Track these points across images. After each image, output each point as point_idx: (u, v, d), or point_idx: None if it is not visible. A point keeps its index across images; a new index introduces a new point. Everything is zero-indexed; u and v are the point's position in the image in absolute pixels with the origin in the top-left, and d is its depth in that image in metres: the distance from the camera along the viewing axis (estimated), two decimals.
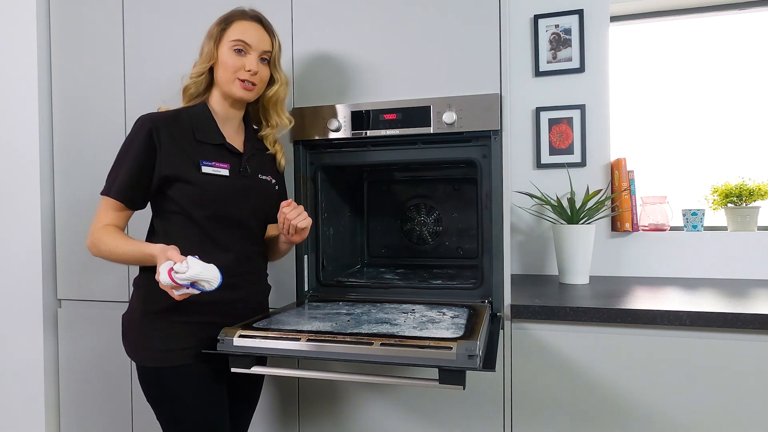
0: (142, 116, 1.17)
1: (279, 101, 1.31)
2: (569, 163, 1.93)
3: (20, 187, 1.71)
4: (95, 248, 1.14)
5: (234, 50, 1.19)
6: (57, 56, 1.72)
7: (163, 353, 1.12)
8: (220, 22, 1.22)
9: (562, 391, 1.32)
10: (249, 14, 1.24)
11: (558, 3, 1.94)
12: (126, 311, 1.20)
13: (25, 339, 1.72)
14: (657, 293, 1.50)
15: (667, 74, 2.04)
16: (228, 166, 1.20)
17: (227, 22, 1.21)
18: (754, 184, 1.82)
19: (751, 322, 1.19)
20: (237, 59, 1.19)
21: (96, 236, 1.13)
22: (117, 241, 1.12)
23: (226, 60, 1.19)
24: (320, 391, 1.47)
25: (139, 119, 1.16)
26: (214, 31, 1.22)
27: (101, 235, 1.13)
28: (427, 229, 1.93)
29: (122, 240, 1.12)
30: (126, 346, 1.18)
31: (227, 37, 1.20)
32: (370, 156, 1.47)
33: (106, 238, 1.12)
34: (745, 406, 1.21)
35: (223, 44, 1.20)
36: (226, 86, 1.20)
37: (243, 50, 1.20)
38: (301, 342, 1.00)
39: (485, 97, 1.35)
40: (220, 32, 1.21)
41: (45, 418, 1.71)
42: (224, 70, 1.19)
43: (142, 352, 1.13)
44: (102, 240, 1.12)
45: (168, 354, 1.12)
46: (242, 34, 1.20)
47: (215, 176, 1.18)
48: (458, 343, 0.92)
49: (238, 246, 1.22)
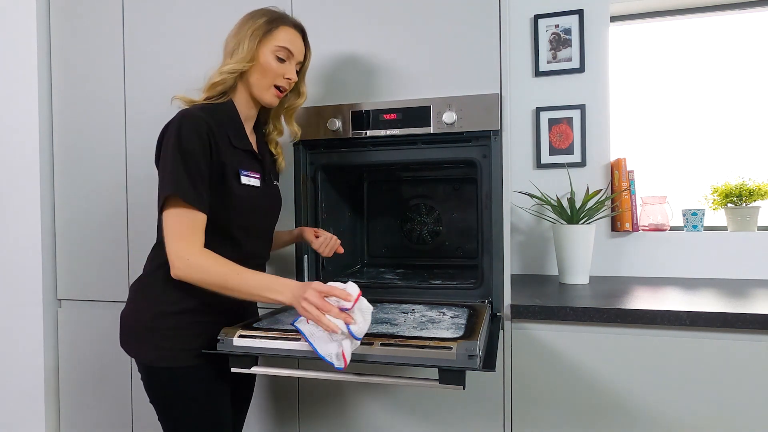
0: (189, 111, 1.08)
1: (295, 111, 1.32)
2: (569, 163, 1.93)
3: (20, 187, 1.71)
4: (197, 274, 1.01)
5: (276, 56, 1.16)
6: (57, 56, 1.72)
7: (175, 353, 1.09)
8: (267, 22, 1.15)
9: (562, 391, 1.32)
10: (294, 22, 1.21)
11: (558, 3, 1.94)
12: (128, 311, 1.15)
13: (25, 339, 1.72)
14: (657, 293, 1.50)
15: (667, 74, 2.04)
16: (259, 176, 1.18)
17: (274, 24, 1.16)
18: (754, 184, 1.82)
19: (751, 322, 1.19)
20: (279, 66, 1.16)
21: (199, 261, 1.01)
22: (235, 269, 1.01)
23: (268, 65, 1.15)
24: (320, 390, 1.47)
25: (189, 115, 1.07)
26: (257, 29, 1.14)
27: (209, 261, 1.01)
28: (427, 229, 1.93)
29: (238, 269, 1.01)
30: (130, 347, 1.14)
31: (272, 40, 1.15)
32: (370, 156, 1.47)
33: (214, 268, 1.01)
34: (745, 406, 1.21)
35: (266, 47, 1.15)
36: (258, 90, 1.17)
37: (285, 59, 1.17)
38: (302, 342, 1.00)
39: (485, 97, 1.35)
40: (265, 33, 1.15)
41: (45, 418, 1.71)
42: (263, 74, 1.15)
43: (153, 352, 1.09)
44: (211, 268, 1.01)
45: (180, 353, 1.09)
46: (289, 43, 1.17)
47: (250, 187, 1.15)
48: (458, 343, 0.92)
49: (259, 252, 1.24)
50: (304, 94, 1.29)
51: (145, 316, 1.11)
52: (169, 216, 1.03)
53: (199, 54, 1.58)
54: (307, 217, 1.52)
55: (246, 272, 1.02)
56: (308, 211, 1.52)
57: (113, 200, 1.66)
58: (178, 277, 1.02)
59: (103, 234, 1.67)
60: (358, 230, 1.95)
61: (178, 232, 1.02)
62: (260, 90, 1.17)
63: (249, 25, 1.15)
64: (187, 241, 1.02)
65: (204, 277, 1.01)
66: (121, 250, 1.66)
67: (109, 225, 1.67)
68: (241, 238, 1.16)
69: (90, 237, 1.69)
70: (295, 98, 1.29)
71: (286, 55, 1.17)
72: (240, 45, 1.14)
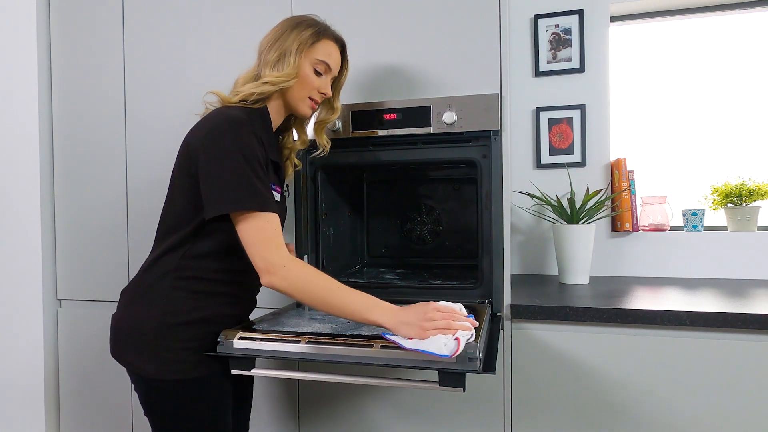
0: (235, 114, 1.04)
1: (325, 125, 1.30)
2: (569, 163, 1.93)
3: (20, 187, 1.71)
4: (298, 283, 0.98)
5: (315, 69, 1.15)
6: (57, 56, 1.72)
7: (178, 365, 1.04)
8: (313, 35, 1.13)
9: (562, 391, 1.32)
10: (335, 35, 1.19)
11: (558, 3, 1.94)
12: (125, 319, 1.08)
13: (25, 339, 1.72)
14: (657, 293, 1.50)
15: (667, 74, 2.04)
16: (279, 190, 1.15)
17: (318, 36, 1.14)
18: (754, 184, 1.82)
19: (751, 322, 1.19)
20: (316, 79, 1.15)
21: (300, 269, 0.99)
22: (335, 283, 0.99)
23: (306, 77, 1.14)
24: (320, 392, 1.47)
25: (239, 118, 1.03)
26: (303, 42, 1.12)
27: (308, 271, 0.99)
28: (427, 229, 1.93)
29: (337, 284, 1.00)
30: (126, 357, 1.07)
31: (313, 53, 1.14)
32: (370, 156, 1.47)
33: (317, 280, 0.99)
34: (745, 406, 1.21)
35: (306, 59, 1.13)
36: (295, 101, 1.15)
37: (323, 72, 1.16)
38: (301, 344, 1.00)
39: (485, 97, 1.34)
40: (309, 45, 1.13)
41: (45, 418, 1.71)
42: (302, 86, 1.14)
43: (154, 365, 1.03)
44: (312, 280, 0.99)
45: (184, 366, 1.04)
46: (328, 57, 1.16)
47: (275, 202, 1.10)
48: None
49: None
50: (338, 110, 1.28)
51: (147, 327, 1.04)
52: (249, 222, 0.98)
53: (200, 54, 1.58)
54: (307, 217, 1.52)
55: (345, 288, 1.00)
56: (308, 211, 1.52)
57: (113, 200, 1.66)
58: (272, 284, 0.98)
59: (103, 234, 1.67)
60: (358, 230, 1.95)
61: (265, 239, 0.98)
62: (297, 101, 1.15)
63: (294, 36, 1.12)
64: (279, 249, 0.99)
65: (304, 287, 0.98)
66: (121, 251, 1.66)
67: (109, 225, 1.67)
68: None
69: (90, 237, 1.69)
70: (329, 113, 1.27)
71: (324, 69, 1.16)
72: (285, 58, 1.11)
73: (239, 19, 1.54)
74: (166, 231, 1.10)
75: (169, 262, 1.06)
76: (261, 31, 1.50)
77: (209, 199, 1.00)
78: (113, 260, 1.66)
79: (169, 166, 1.14)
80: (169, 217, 1.11)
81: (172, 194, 1.12)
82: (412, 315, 0.97)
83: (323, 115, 1.28)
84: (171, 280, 1.05)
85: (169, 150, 1.59)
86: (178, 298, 1.04)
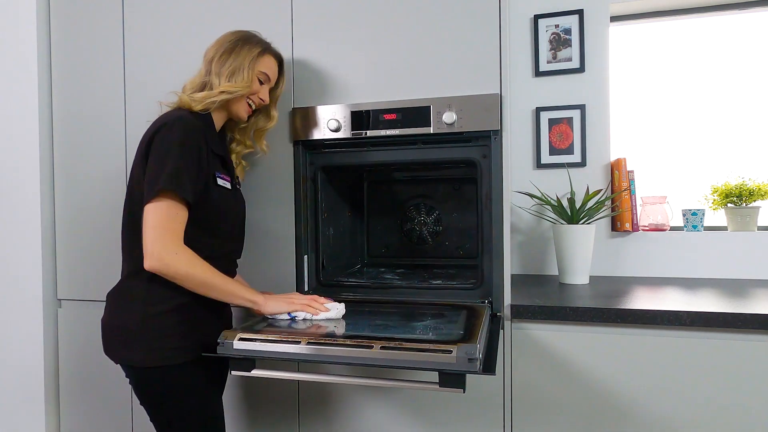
0: (181, 114, 1.16)
1: (265, 132, 1.43)
2: (569, 163, 1.93)
3: (20, 187, 1.71)
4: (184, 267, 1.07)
5: (258, 79, 1.29)
6: (57, 56, 1.72)
7: (165, 352, 1.12)
8: (260, 52, 1.28)
9: (562, 391, 1.32)
10: (275, 51, 1.36)
11: (558, 3, 1.94)
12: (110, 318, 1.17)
13: (25, 339, 1.72)
14: (657, 293, 1.50)
15: (667, 74, 2.04)
16: (229, 180, 1.27)
17: (262, 52, 1.29)
18: (754, 184, 1.82)
19: (751, 322, 1.19)
20: (257, 86, 1.30)
21: (184, 256, 1.07)
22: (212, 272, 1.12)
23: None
24: (320, 393, 1.47)
25: (181, 117, 1.14)
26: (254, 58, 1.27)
27: (193, 258, 1.09)
28: (427, 229, 1.93)
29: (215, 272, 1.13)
30: (116, 353, 1.15)
31: (258, 65, 1.28)
32: (370, 156, 1.47)
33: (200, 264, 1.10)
34: (745, 406, 1.21)
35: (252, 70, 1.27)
36: (236, 106, 1.29)
37: (263, 82, 1.32)
38: (301, 345, 1.00)
39: (485, 97, 1.34)
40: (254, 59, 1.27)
41: (45, 418, 1.71)
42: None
43: (142, 354, 1.11)
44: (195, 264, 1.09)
45: (170, 352, 1.12)
46: (269, 69, 1.32)
47: (224, 189, 1.23)
48: (458, 346, 0.92)
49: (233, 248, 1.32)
50: (275, 118, 1.42)
51: (132, 320, 1.13)
52: (157, 208, 1.06)
53: (199, 53, 1.58)
54: (307, 217, 1.52)
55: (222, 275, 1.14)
56: (308, 211, 1.52)
57: (113, 200, 1.66)
58: (155, 269, 1.05)
59: (104, 234, 1.67)
60: (358, 230, 1.95)
61: (164, 226, 1.06)
62: (237, 106, 1.29)
63: (246, 51, 1.27)
64: (174, 235, 1.07)
65: (189, 271, 1.07)
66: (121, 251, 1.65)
67: (109, 225, 1.66)
68: (218, 235, 1.23)
69: (90, 237, 1.69)
70: (266, 121, 1.41)
71: (264, 79, 1.32)
72: (240, 70, 1.25)
73: (239, 18, 1.54)
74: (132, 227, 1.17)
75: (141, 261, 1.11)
76: (261, 29, 1.50)
77: (146, 188, 1.09)
78: (113, 260, 1.66)
79: None
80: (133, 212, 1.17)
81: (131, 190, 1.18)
82: (281, 296, 1.23)
83: (262, 123, 1.41)
84: (146, 275, 1.11)
85: None
86: (156, 289, 1.12)
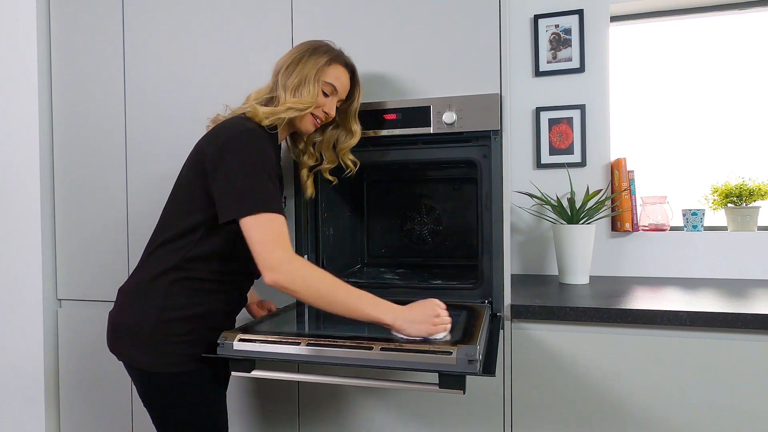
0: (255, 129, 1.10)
1: (349, 149, 1.36)
2: (569, 163, 1.93)
3: (20, 187, 1.71)
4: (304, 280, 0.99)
5: (322, 90, 1.21)
6: (57, 56, 1.72)
7: (176, 358, 1.09)
8: (327, 61, 1.20)
9: (563, 391, 1.32)
10: (346, 60, 1.26)
11: (558, 3, 1.94)
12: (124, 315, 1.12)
13: (25, 339, 1.72)
14: (657, 293, 1.50)
15: (667, 74, 2.04)
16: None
17: (329, 62, 1.21)
18: (754, 184, 1.82)
19: (751, 322, 1.19)
20: (322, 99, 1.21)
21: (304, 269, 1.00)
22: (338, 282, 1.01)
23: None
24: (320, 394, 1.47)
25: (255, 132, 1.09)
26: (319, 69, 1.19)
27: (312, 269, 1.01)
28: (427, 229, 1.93)
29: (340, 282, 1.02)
30: (124, 352, 1.11)
31: (323, 76, 1.20)
32: (369, 156, 1.47)
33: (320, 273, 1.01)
34: (745, 406, 1.21)
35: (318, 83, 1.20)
36: (300, 119, 1.21)
37: (329, 94, 1.23)
38: (301, 346, 1.00)
39: (485, 97, 1.34)
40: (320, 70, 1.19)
41: (45, 418, 1.71)
42: None
43: (153, 358, 1.08)
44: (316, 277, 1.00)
45: (182, 359, 1.09)
46: (336, 80, 1.22)
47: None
48: (458, 347, 0.92)
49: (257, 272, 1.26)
50: (357, 133, 1.34)
51: (145, 322, 1.08)
52: (257, 222, 1.01)
53: (200, 53, 1.58)
54: (307, 217, 1.52)
55: (347, 286, 1.02)
56: (308, 211, 1.52)
57: (113, 200, 1.66)
58: (277, 282, 0.99)
59: (103, 234, 1.67)
60: (358, 230, 1.95)
61: (271, 239, 1.00)
62: (301, 119, 1.21)
63: (312, 62, 1.19)
64: (283, 247, 1.01)
65: (308, 285, 0.99)
66: (121, 250, 1.66)
67: (109, 225, 1.67)
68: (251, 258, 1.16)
69: (90, 237, 1.69)
70: (348, 137, 1.34)
71: (330, 91, 1.22)
72: (305, 84, 1.17)
73: (239, 18, 1.54)
74: (167, 230, 1.13)
75: (168, 261, 1.10)
76: (261, 30, 1.50)
77: (224, 204, 1.04)
78: (113, 260, 1.66)
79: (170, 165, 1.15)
80: (172, 217, 1.14)
81: (176, 195, 1.15)
82: (418, 313, 1.01)
83: (343, 140, 1.34)
84: (170, 278, 1.09)
85: (170, 150, 1.60)
86: (175, 296, 1.09)
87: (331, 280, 1.01)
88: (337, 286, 1.01)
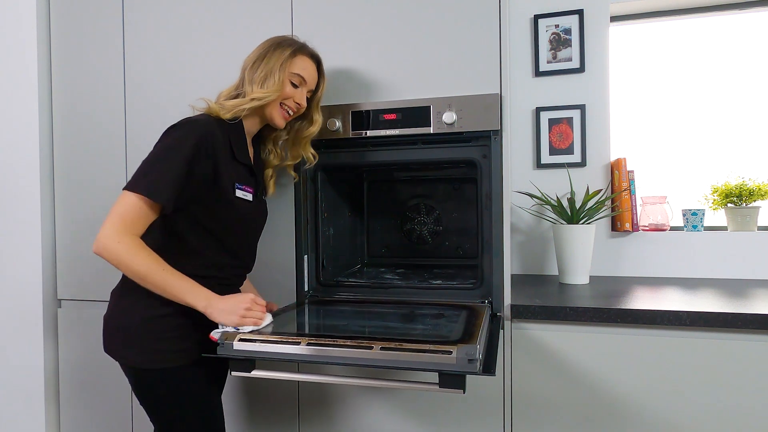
0: (190, 119, 1.13)
1: (309, 139, 1.38)
2: (569, 163, 1.93)
3: (20, 187, 1.71)
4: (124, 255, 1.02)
5: (291, 82, 1.23)
6: (57, 56, 1.72)
7: (165, 354, 1.11)
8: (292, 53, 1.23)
9: (562, 391, 1.32)
10: (311, 52, 1.29)
11: (558, 3, 1.94)
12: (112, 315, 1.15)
13: (25, 339, 1.72)
14: (657, 293, 1.50)
15: (667, 74, 2.04)
16: (252, 191, 1.24)
17: (293, 53, 1.23)
18: (754, 184, 1.82)
19: (751, 322, 1.19)
20: (291, 90, 1.24)
21: (128, 244, 1.02)
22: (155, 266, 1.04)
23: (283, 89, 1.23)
24: (320, 393, 1.47)
25: (190, 121, 1.12)
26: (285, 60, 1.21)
27: (137, 249, 1.03)
28: (427, 229, 1.93)
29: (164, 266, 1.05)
30: (116, 351, 1.14)
31: (290, 67, 1.23)
32: (370, 156, 1.47)
33: (143, 256, 1.03)
34: (745, 406, 1.21)
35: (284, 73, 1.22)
36: (270, 112, 1.23)
37: (298, 84, 1.25)
38: (301, 346, 1.00)
39: (485, 97, 1.34)
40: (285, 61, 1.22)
41: (45, 418, 1.71)
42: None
43: (141, 355, 1.11)
44: (137, 254, 1.02)
45: (170, 355, 1.12)
46: (303, 70, 1.25)
47: (243, 200, 1.20)
48: (458, 347, 0.92)
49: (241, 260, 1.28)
50: (318, 122, 1.35)
51: (133, 320, 1.12)
52: (125, 198, 1.05)
53: (199, 53, 1.58)
54: (307, 217, 1.51)
55: (171, 271, 1.06)
56: (308, 211, 1.52)
57: (113, 200, 1.65)
58: (98, 250, 1.02)
59: None
60: (358, 230, 1.95)
61: (122, 215, 1.04)
62: (272, 111, 1.24)
63: (278, 55, 1.22)
64: (128, 225, 1.04)
65: (128, 259, 1.02)
66: None
67: None
68: (227, 245, 1.20)
69: (90, 237, 1.69)
70: (309, 125, 1.35)
71: (299, 81, 1.25)
72: (272, 75, 1.20)
73: (239, 19, 1.54)
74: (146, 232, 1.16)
75: None
76: (261, 30, 1.50)
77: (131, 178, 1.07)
78: None
79: None
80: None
81: None
82: (230, 304, 1.07)
83: (305, 129, 1.36)
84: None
85: None
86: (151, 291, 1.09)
87: (150, 263, 1.03)
88: (156, 270, 1.03)
